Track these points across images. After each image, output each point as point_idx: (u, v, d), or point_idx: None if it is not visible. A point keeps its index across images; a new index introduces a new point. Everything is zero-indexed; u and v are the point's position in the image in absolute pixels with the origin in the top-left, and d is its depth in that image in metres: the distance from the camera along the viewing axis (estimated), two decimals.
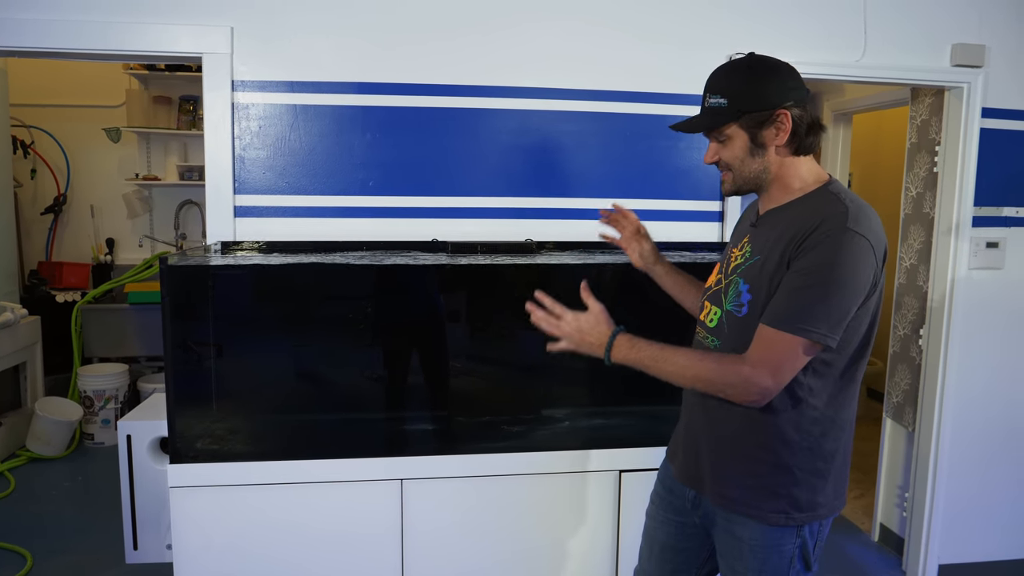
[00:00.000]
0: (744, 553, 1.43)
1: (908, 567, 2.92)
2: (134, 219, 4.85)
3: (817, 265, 1.28)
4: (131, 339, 4.43)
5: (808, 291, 1.28)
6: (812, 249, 1.29)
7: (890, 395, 3.05)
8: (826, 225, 1.29)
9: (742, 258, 1.44)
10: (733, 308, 1.41)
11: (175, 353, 1.92)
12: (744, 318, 1.38)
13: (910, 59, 2.57)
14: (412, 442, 2.09)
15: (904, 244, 2.97)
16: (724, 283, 1.47)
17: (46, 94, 4.66)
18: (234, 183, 2.24)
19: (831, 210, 1.32)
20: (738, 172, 1.42)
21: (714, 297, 1.49)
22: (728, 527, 1.46)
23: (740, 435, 1.41)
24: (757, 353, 1.31)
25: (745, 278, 1.40)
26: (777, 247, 1.35)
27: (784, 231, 1.35)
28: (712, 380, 1.33)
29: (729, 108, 1.37)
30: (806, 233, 1.30)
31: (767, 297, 1.34)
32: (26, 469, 3.80)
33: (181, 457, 1.92)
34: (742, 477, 1.41)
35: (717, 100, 1.39)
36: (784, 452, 1.38)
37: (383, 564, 2.01)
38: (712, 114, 1.39)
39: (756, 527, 1.41)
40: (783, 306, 1.30)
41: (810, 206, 1.36)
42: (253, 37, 2.21)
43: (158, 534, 2.74)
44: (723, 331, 1.44)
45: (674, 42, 2.40)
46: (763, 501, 1.40)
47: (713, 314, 1.47)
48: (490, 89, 2.32)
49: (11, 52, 2.21)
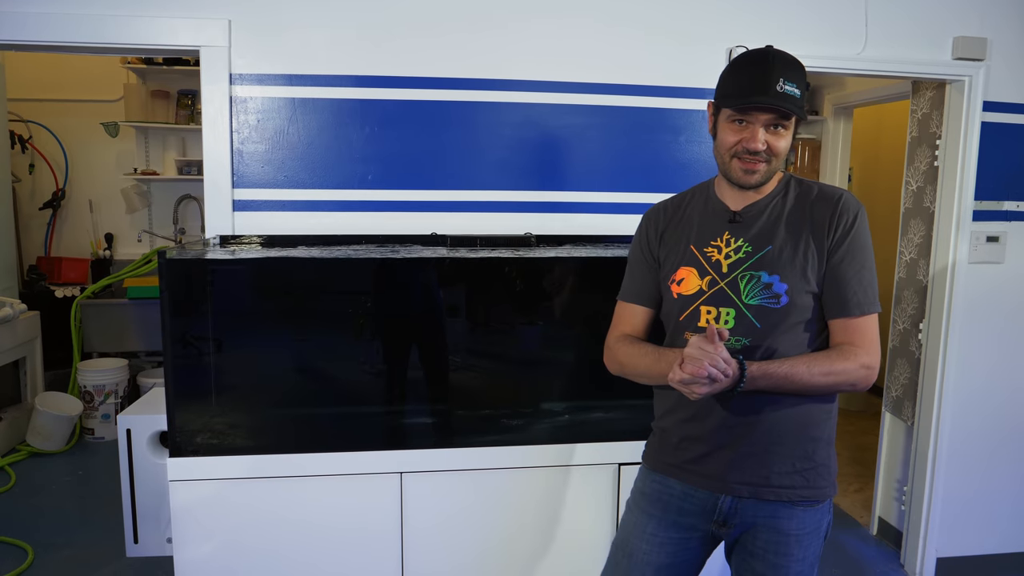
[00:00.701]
0: (790, 546, 1.44)
1: (906, 561, 2.92)
2: (133, 214, 4.85)
3: (860, 246, 1.39)
4: (130, 334, 4.43)
5: (865, 272, 1.40)
6: (850, 231, 1.39)
7: (889, 389, 3.06)
8: (846, 207, 1.40)
9: (742, 253, 1.42)
10: (764, 301, 1.39)
11: (174, 347, 1.92)
12: (785, 307, 1.39)
13: (911, 52, 2.56)
14: (412, 435, 2.09)
15: (904, 238, 2.96)
16: (725, 280, 1.43)
17: (44, 89, 4.65)
18: (232, 177, 2.24)
19: (836, 193, 1.43)
20: (775, 164, 1.41)
21: (716, 299, 1.43)
22: (772, 523, 1.45)
23: (791, 424, 1.42)
24: (861, 341, 1.38)
25: (769, 270, 1.40)
26: (800, 235, 1.41)
27: (801, 217, 1.42)
28: (844, 380, 1.38)
29: (801, 100, 1.36)
30: (831, 218, 1.40)
31: (808, 283, 1.39)
32: (26, 464, 3.81)
33: (181, 451, 1.92)
34: (798, 462, 1.43)
35: (792, 89, 1.34)
36: (826, 427, 1.47)
37: (383, 557, 2.02)
38: (791, 101, 1.34)
39: (803, 514, 1.44)
40: (859, 292, 1.39)
41: (810, 193, 1.45)
42: (251, 30, 2.20)
43: (158, 528, 2.74)
44: (752, 327, 1.40)
45: (675, 35, 2.39)
46: (817, 479, 1.45)
47: (726, 315, 1.42)
48: (490, 82, 2.32)
49: (8, 45, 2.21)
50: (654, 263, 1.55)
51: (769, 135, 1.37)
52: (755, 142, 1.36)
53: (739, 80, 1.38)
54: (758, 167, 1.39)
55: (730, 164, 1.41)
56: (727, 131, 1.40)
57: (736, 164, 1.40)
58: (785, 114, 1.35)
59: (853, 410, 4.77)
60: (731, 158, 1.41)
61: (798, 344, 1.41)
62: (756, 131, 1.36)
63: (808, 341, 1.42)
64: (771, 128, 1.37)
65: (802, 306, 1.39)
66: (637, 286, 1.57)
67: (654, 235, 1.55)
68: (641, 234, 1.59)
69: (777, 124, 1.36)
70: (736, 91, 1.37)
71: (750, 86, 1.35)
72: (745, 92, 1.35)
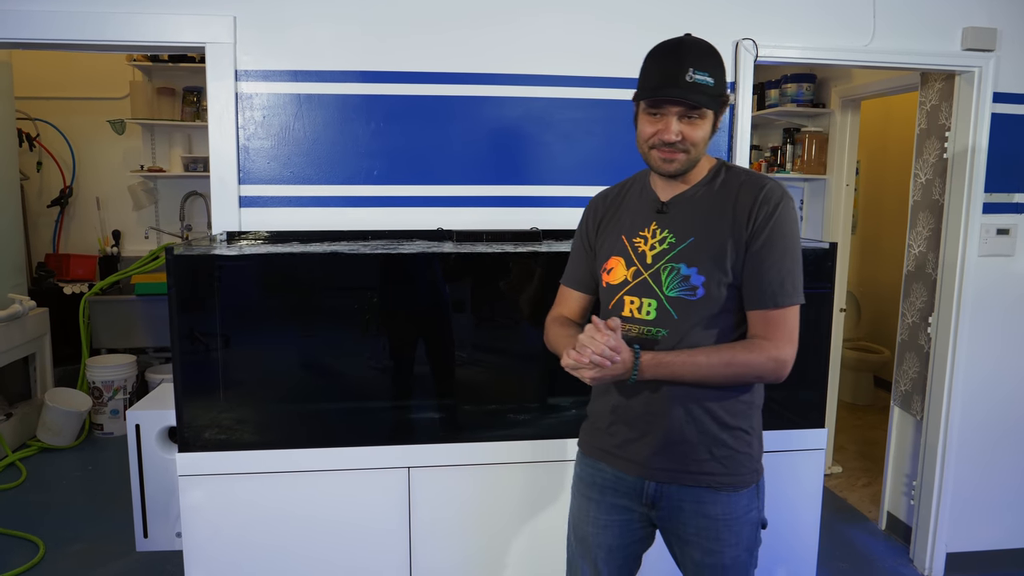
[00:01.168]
0: (720, 531, 1.47)
1: (915, 556, 2.91)
2: (140, 211, 4.86)
3: (781, 235, 1.38)
4: (138, 330, 4.45)
5: (786, 262, 1.38)
6: (770, 221, 1.38)
7: (898, 383, 3.04)
8: (768, 196, 1.39)
9: (666, 244, 1.44)
10: (682, 293, 1.41)
11: (182, 342, 1.93)
12: (701, 300, 1.40)
13: (920, 43, 2.54)
14: (419, 430, 2.10)
15: (913, 231, 2.95)
16: (649, 271, 1.44)
17: (51, 87, 4.66)
18: (239, 173, 2.24)
19: (761, 182, 1.42)
20: (694, 154, 1.41)
21: (639, 289, 1.45)
22: (698, 508, 1.47)
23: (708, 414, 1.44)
24: (774, 334, 1.38)
25: (688, 262, 1.41)
26: (720, 225, 1.40)
27: (722, 209, 1.41)
28: (748, 372, 1.39)
29: (715, 89, 1.37)
30: (752, 207, 1.39)
31: (726, 275, 1.39)
32: (37, 459, 3.83)
33: (190, 446, 1.93)
34: (715, 449, 1.45)
35: (704, 78, 1.35)
36: (746, 418, 1.47)
37: (391, 551, 2.02)
38: (701, 91, 1.35)
39: (728, 499, 1.46)
40: (776, 284, 1.38)
41: (735, 182, 1.44)
42: (256, 26, 2.20)
43: (168, 522, 2.76)
44: (670, 319, 1.42)
45: (680, 29, 2.36)
46: (736, 467, 1.47)
47: (648, 306, 1.44)
48: (495, 77, 2.31)
49: (14, 44, 2.21)
50: (591, 251, 1.58)
51: (684, 125, 1.38)
52: (668, 133, 1.37)
53: (651, 72, 1.39)
54: (676, 156, 1.40)
55: (649, 154, 1.43)
56: (644, 123, 1.41)
57: (655, 154, 1.42)
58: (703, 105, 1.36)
59: (861, 405, 4.75)
60: (649, 149, 1.42)
61: (715, 336, 1.42)
62: (669, 122, 1.37)
63: (726, 333, 1.43)
64: (685, 118, 1.37)
65: (719, 298, 1.41)
66: (575, 272, 1.61)
67: (592, 224, 1.58)
68: (582, 222, 1.62)
69: (692, 115, 1.37)
70: (648, 83, 1.39)
71: (661, 78, 1.36)
72: (655, 84, 1.37)
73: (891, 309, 4.49)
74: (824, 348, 2.14)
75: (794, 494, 2.15)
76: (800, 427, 2.14)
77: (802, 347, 1.41)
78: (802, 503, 2.16)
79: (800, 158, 3.81)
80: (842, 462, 3.85)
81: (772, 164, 4.04)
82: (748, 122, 2.43)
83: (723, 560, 1.48)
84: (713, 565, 1.48)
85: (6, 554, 2.85)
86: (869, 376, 4.82)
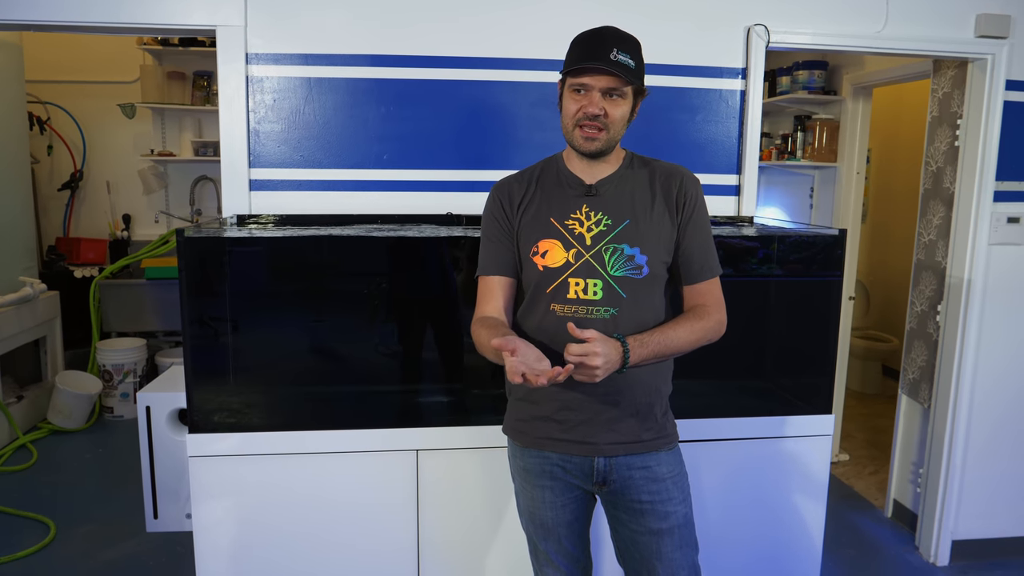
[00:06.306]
0: (670, 490, 1.56)
1: (921, 543, 2.92)
2: (150, 195, 4.88)
3: (701, 216, 1.56)
4: (148, 314, 4.48)
5: (708, 240, 1.56)
6: (693, 203, 1.54)
7: (906, 372, 3.04)
8: (686, 180, 1.55)
9: (603, 226, 1.51)
10: (628, 272, 1.50)
11: (192, 325, 1.94)
12: (647, 278, 1.51)
13: (932, 30, 2.52)
14: (427, 413, 2.11)
15: (923, 219, 2.93)
16: (591, 252, 1.50)
17: (61, 70, 4.67)
18: (249, 157, 2.25)
19: (678, 168, 1.57)
20: (613, 134, 1.49)
21: (583, 271, 1.49)
22: (647, 473, 1.56)
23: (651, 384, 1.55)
24: (713, 301, 1.55)
25: (631, 242, 1.50)
26: (653, 206, 1.53)
27: (651, 192, 1.54)
28: (703, 337, 1.52)
29: (635, 72, 1.46)
30: (679, 194, 1.54)
31: (667, 254, 1.53)
32: (48, 441, 3.88)
33: (200, 428, 1.95)
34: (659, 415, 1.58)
35: (626, 59, 1.44)
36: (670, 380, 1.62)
37: (399, 533, 2.04)
38: (624, 68, 1.43)
39: (668, 458, 1.58)
40: (709, 258, 1.56)
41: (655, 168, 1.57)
42: (267, 9, 2.20)
43: (178, 503, 2.79)
44: (619, 297, 1.49)
45: (691, 16, 2.37)
46: (669, 425, 1.61)
47: (594, 286, 1.49)
48: (506, 61, 2.30)
49: (24, 25, 2.21)
50: (513, 233, 1.58)
51: (607, 102, 1.46)
52: (593, 107, 1.45)
53: (575, 53, 1.48)
54: (598, 135, 1.47)
55: (573, 133, 1.50)
56: (569, 101, 1.49)
57: (578, 133, 1.49)
58: (621, 81, 1.43)
59: (869, 393, 4.75)
60: (574, 127, 1.49)
61: (656, 310, 1.54)
62: (594, 96, 1.45)
63: (664, 307, 1.56)
64: (608, 96, 1.45)
65: (659, 275, 1.53)
66: (497, 258, 1.59)
67: (509, 207, 1.59)
68: (495, 206, 1.61)
69: (613, 92, 1.45)
70: (573, 61, 1.47)
71: (586, 55, 1.45)
72: (581, 59, 1.45)
73: (900, 298, 4.47)
74: (832, 335, 2.13)
75: (801, 479, 2.16)
76: (807, 413, 2.14)
77: (807, 334, 1.44)
78: (809, 489, 2.17)
79: (811, 145, 3.79)
80: (849, 450, 3.85)
81: (783, 152, 4.02)
82: (759, 109, 2.41)
83: (677, 520, 1.56)
84: (670, 529, 1.56)
85: (17, 535, 2.89)
86: (877, 365, 4.81)
